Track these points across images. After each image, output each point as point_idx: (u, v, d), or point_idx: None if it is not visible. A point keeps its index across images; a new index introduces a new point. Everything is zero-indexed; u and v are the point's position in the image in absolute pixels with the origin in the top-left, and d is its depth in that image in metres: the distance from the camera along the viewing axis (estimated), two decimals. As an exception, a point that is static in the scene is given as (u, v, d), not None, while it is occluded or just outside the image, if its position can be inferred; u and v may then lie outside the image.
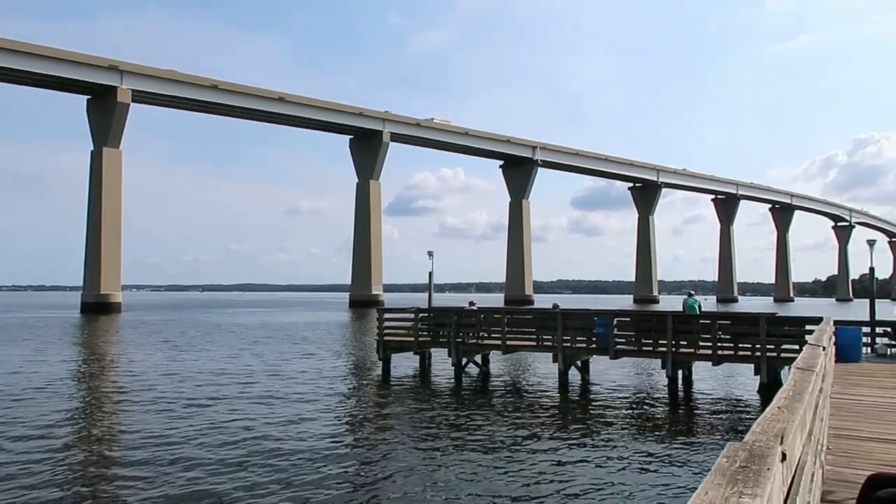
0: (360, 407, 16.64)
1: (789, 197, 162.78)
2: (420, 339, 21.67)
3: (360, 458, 11.17)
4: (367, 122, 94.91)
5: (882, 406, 9.60)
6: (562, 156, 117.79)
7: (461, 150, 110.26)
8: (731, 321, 19.03)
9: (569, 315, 20.03)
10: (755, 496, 1.70)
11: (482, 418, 14.66)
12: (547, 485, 9.59)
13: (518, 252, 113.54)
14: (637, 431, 13.63)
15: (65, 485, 9.36)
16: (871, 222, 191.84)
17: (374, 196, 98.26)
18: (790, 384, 4.10)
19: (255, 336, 38.79)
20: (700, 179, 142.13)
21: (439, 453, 11.35)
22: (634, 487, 9.55)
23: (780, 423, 2.82)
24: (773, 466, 2.07)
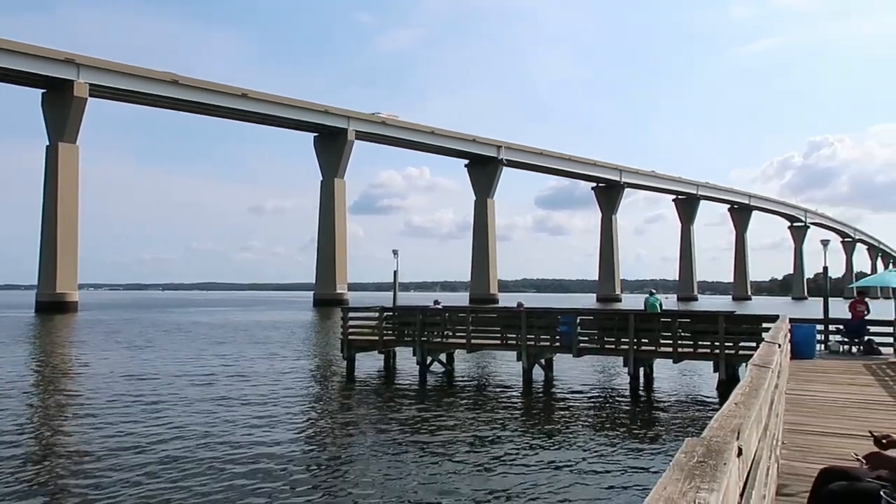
0: (324, 407, 16.51)
1: (747, 198, 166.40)
2: (385, 339, 21.60)
3: (324, 460, 11.08)
4: (332, 120, 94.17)
5: (835, 402, 9.88)
6: (526, 155, 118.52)
7: (427, 148, 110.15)
8: (690, 319, 19.38)
9: (533, 314, 20.17)
10: (712, 490, 1.73)
11: (447, 417, 14.68)
12: (510, 483, 9.63)
13: (483, 251, 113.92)
14: (599, 428, 13.79)
15: (12, 497, 8.94)
16: (825, 223, 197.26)
17: (339, 194, 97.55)
18: (747, 381, 4.19)
19: (216, 336, 38.21)
20: (661, 180, 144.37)
21: (404, 453, 11.33)
22: (596, 484, 9.66)
23: (736, 418, 2.87)
24: (730, 461, 2.11)
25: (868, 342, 18.20)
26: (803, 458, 6.24)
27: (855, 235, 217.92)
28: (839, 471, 3.68)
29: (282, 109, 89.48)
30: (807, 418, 8.46)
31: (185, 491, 9.06)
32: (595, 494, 9.19)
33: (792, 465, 5.96)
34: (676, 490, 1.73)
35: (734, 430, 2.62)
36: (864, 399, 10.18)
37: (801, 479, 5.30)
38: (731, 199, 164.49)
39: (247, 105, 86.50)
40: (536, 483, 9.61)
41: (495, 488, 9.37)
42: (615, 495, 9.11)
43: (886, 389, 11.30)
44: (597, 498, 9.03)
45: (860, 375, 13.20)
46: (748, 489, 3.05)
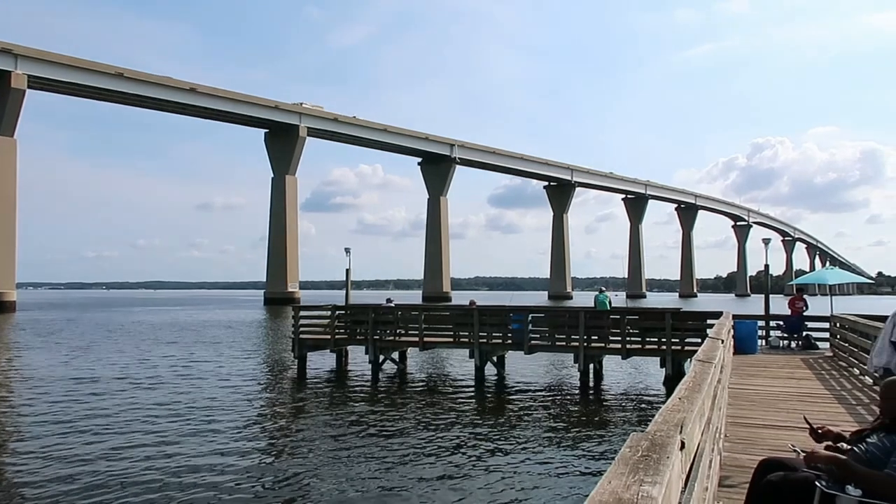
0: (275, 408, 16.29)
1: (693, 197, 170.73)
2: (337, 337, 21.44)
3: (275, 461, 10.95)
4: (283, 116, 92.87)
5: (775, 395, 10.22)
6: (479, 154, 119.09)
7: (379, 146, 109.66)
8: (639, 316, 19.78)
9: (485, 311, 20.29)
10: (655, 483, 1.78)
11: (399, 415, 14.66)
12: (462, 480, 9.68)
13: (436, 249, 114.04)
14: (550, 424, 13.96)
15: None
16: (767, 222, 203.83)
17: (291, 192, 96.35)
18: (690, 376, 4.30)
19: (163, 336, 37.28)
20: (611, 179, 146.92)
21: (355, 453, 11.26)
22: (546, 479, 9.79)
23: (680, 413, 2.95)
24: (673, 455, 2.17)
25: (806, 337, 18.89)
26: (745, 450, 6.43)
27: (795, 234, 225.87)
28: (777, 462, 3.80)
29: (232, 105, 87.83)
30: (748, 411, 8.73)
31: (129, 500, 8.81)
32: (545, 489, 9.30)
33: (734, 457, 6.14)
34: (621, 484, 1.77)
35: (678, 424, 2.69)
36: (801, 392, 10.57)
37: (742, 470, 5.46)
38: (678, 199, 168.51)
39: (195, 100, 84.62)
40: (486, 480, 9.68)
41: (447, 486, 9.40)
42: (565, 490, 9.24)
43: (822, 383, 11.75)
44: (546, 493, 9.15)
45: (798, 369, 13.69)
46: (691, 481, 3.13)
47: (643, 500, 1.63)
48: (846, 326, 15.11)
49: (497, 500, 8.84)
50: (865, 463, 3.41)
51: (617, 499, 1.64)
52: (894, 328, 6.94)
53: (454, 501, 8.77)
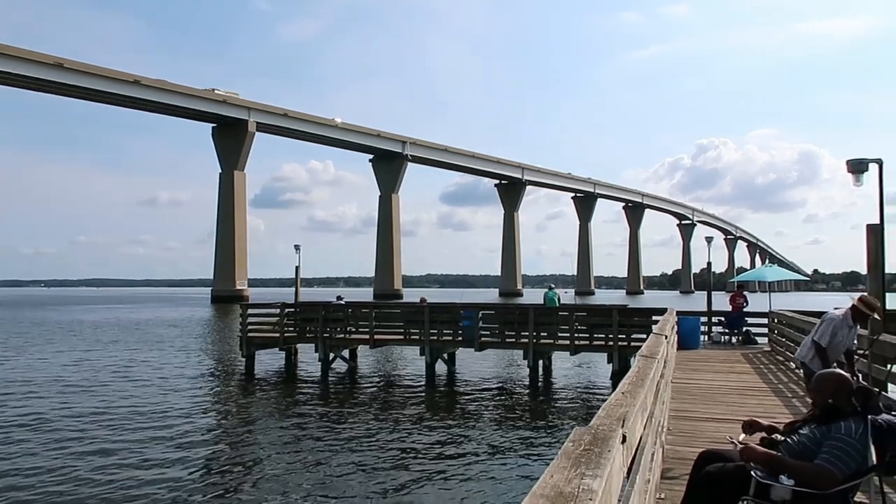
0: (222, 407, 16.00)
1: (641, 196, 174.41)
2: (286, 335, 21.19)
3: (222, 462, 10.75)
4: (232, 111, 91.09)
5: (715, 389, 10.52)
6: (431, 151, 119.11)
7: (330, 142, 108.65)
8: (586, 313, 20.09)
9: (436, 309, 20.33)
10: (596, 476, 1.81)
11: (348, 413, 14.58)
12: (410, 477, 9.69)
13: (387, 246, 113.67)
14: (499, 420, 14.09)
15: None
16: (711, 221, 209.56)
17: (239, 187, 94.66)
18: (634, 371, 4.39)
19: (104, 335, 36.18)
20: (561, 178, 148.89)
21: (304, 452, 11.16)
22: (493, 474, 9.88)
23: (622, 407, 3.01)
24: (614, 448, 2.21)
25: (746, 332, 19.50)
26: (686, 442, 6.60)
27: (736, 233, 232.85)
28: (715, 453, 3.92)
29: (177, 98, 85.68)
30: (691, 405, 8.97)
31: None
32: (492, 485, 9.39)
33: (676, 450, 6.29)
34: (563, 478, 1.80)
35: (620, 418, 2.75)
36: (741, 386, 10.91)
37: (684, 462, 5.60)
38: (626, 198, 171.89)
39: (140, 92, 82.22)
40: (434, 476, 9.71)
41: (395, 483, 9.40)
42: (511, 485, 9.34)
43: (761, 377, 12.16)
44: (493, 488, 9.23)
45: (738, 364, 14.13)
46: (633, 474, 3.20)
47: (584, 494, 1.66)
48: (783, 322, 15.66)
49: (444, 495, 8.88)
50: (798, 453, 3.54)
51: (558, 492, 1.67)
52: (820, 329, 7.26)
53: (402, 498, 8.78)
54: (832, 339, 6.88)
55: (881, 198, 10.15)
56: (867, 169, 10.62)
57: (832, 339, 6.88)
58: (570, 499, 1.62)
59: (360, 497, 8.82)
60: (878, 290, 8.36)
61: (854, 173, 10.62)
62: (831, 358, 6.79)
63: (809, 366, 7.06)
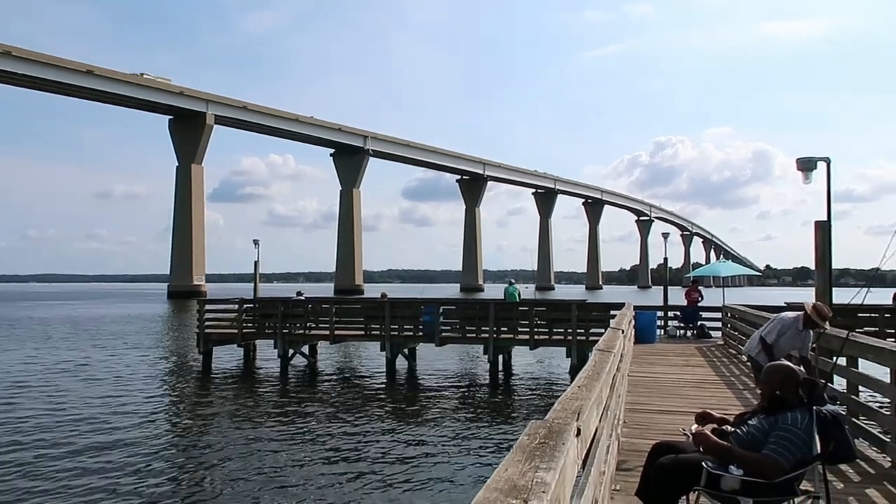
0: (178, 405, 15.73)
1: (600, 193, 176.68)
2: (244, 331, 20.92)
3: (179, 462, 10.57)
4: (189, 103, 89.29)
5: (671, 382, 10.74)
6: (393, 146, 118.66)
7: (291, 136, 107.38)
8: (546, 308, 20.31)
9: (396, 304, 20.31)
10: (549, 469, 1.84)
11: (307, 410, 14.47)
12: (369, 472, 9.68)
13: (348, 242, 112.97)
14: (459, 415, 14.15)
15: None
16: (668, 217, 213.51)
17: (197, 181, 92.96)
18: (590, 365, 4.45)
19: (55, 332, 35.18)
20: (522, 174, 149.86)
21: (263, 450, 11.04)
22: (452, 469, 9.93)
23: (578, 401, 3.05)
24: (569, 441, 2.24)
25: (701, 327, 19.94)
26: (642, 434, 6.73)
27: (692, 229, 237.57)
28: (669, 445, 4.01)
29: (132, 89, 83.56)
30: (646, 398, 9.14)
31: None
32: (450, 479, 9.43)
33: (632, 442, 6.41)
34: (517, 471, 1.82)
35: (575, 411, 2.79)
36: (695, 379, 11.16)
37: (639, 454, 5.71)
38: (586, 194, 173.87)
39: (93, 83, 79.95)
40: (393, 471, 9.71)
41: (353, 479, 9.37)
42: (470, 479, 9.39)
43: (714, 370, 12.45)
44: (451, 483, 9.28)
45: (693, 357, 14.44)
46: (588, 466, 3.26)
47: (537, 486, 1.68)
48: (736, 316, 16.06)
49: (402, 491, 8.89)
50: (747, 443, 3.64)
51: (512, 486, 1.68)
52: (769, 326, 7.51)
53: (359, 494, 8.76)
54: (778, 338, 7.13)
55: (828, 195, 10.48)
56: (816, 167, 10.94)
57: (778, 338, 7.13)
58: (523, 491, 1.64)
59: (318, 495, 8.77)
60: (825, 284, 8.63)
61: (803, 171, 10.94)
62: (777, 356, 7.01)
63: (756, 359, 7.28)
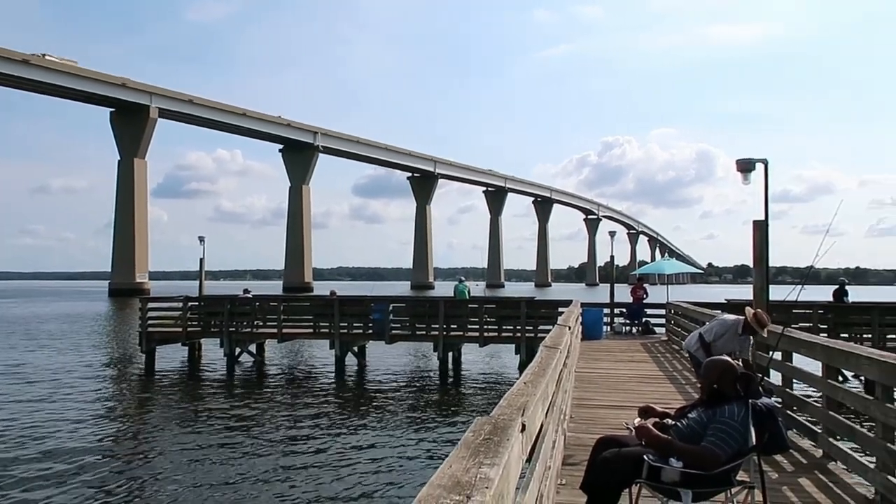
0: (119, 406, 15.26)
1: (549, 191, 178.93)
2: (189, 330, 20.46)
3: (120, 465, 10.24)
4: (132, 95, 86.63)
5: (616, 377, 10.97)
6: (343, 143, 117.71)
7: (238, 131, 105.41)
8: (496, 305, 20.49)
9: (346, 302, 20.17)
10: (493, 465, 1.85)
11: (254, 410, 14.24)
12: (317, 472, 9.59)
13: (297, 239, 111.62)
14: (409, 413, 14.15)
15: None
16: (615, 216, 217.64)
17: (140, 176, 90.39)
18: (537, 361, 4.51)
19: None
20: (473, 172, 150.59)
21: (208, 452, 10.80)
22: (400, 466, 9.93)
23: (523, 397, 3.09)
24: (513, 437, 2.27)
25: (645, 323, 20.41)
26: (587, 429, 6.85)
27: (638, 228, 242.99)
28: (612, 439, 4.09)
29: (71, 80, 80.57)
30: (593, 393, 9.31)
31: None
32: (397, 476, 9.43)
33: (578, 437, 6.52)
34: (461, 467, 1.83)
35: (520, 407, 2.82)
36: (640, 374, 11.42)
37: (584, 449, 5.80)
38: (535, 193, 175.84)
39: (29, 73, 76.77)
40: (340, 470, 9.65)
41: (299, 479, 9.27)
42: (416, 475, 9.39)
43: (658, 365, 12.76)
44: (397, 480, 9.27)
45: (638, 353, 14.78)
46: (533, 461, 3.30)
47: (480, 482, 1.70)
48: (679, 313, 16.48)
49: (348, 489, 8.84)
50: (687, 436, 3.75)
51: (455, 482, 1.69)
52: (710, 325, 7.76)
53: (306, 495, 8.67)
54: (716, 339, 7.39)
55: (766, 196, 10.85)
56: (754, 168, 11.31)
57: (716, 339, 7.39)
58: (466, 487, 1.65)
59: (263, 497, 8.65)
60: (763, 282, 8.94)
61: (742, 172, 11.30)
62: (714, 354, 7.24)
63: (695, 356, 7.51)
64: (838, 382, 6.29)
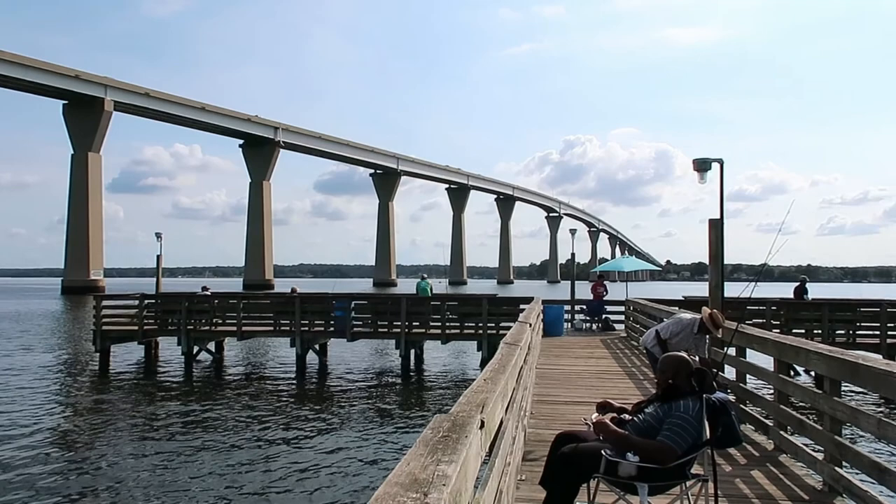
0: (69, 409, 14.81)
1: (512, 189, 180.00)
2: (145, 328, 20.04)
3: (72, 470, 9.95)
4: (86, 87, 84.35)
5: (576, 374, 11.10)
6: (305, 138, 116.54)
7: (197, 126, 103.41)
8: (458, 302, 20.52)
9: (307, 299, 20.00)
10: (451, 462, 1.86)
11: (213, 410, 14.02)
12: (277, 472, 9.49)
13: (258, 235, 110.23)
14: (370, 411, 14.09)
15: None
16: (576, 214, 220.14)
17: (94, 170, 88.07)
18: (497, 358, 4.53)
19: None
20: (436, 169, 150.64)
21: (163, 454, 10.58)
22: (361, 465, 9.88)
23: (483, 394, 3.10)
24: (472, 434, 2.27)
25: (605, 320, 20.70)
26: (547, 425, 6.92)
27: (599, 226, 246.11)
28: (571, 434, 4.13)
29: (19, 70, 77.91)
30: (553, 389, 9.40)
31: None
32: (357, 475, 9.38)
33: (538, 433, 6.58)
34: (419, 465, 1.83)
35: (479, 404, 2.83)
36: (600, 370, 11.58)
37: (544, 444, 5.85)
38: (498, 190, 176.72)
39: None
40: (300, 470, 9.56)
41: (259, 479, 9.17)
42: (376, 474, 9.37)
43: (617, 361, 12.96)
44: (358, 477, 9.23)
45: (598, 349, 14.98)
46: (493, 457, 3.32)
47: (438, 479, 1.70)
48: (638, 309, 16.76)
49: (307, 489, 8.76)
50: (643, 431, 3.81)
51: (413, 479, 1.69)
52: (667, 322, 7.91)
53: (264, 495, 8.58)
54: (672, 336, 7.54)
55: (721, 195, 11.09)
56: (710, 168, 11.55)
57: (672, 336, 7.54)
58: (424, 485, 1.65)
59: (220, 499, 8.52)
60: (718, 279, 9.14)
61: (699, 171, 11.52)
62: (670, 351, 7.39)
63: (652, 352, 7.65)
64: (790, 377, 6.47)
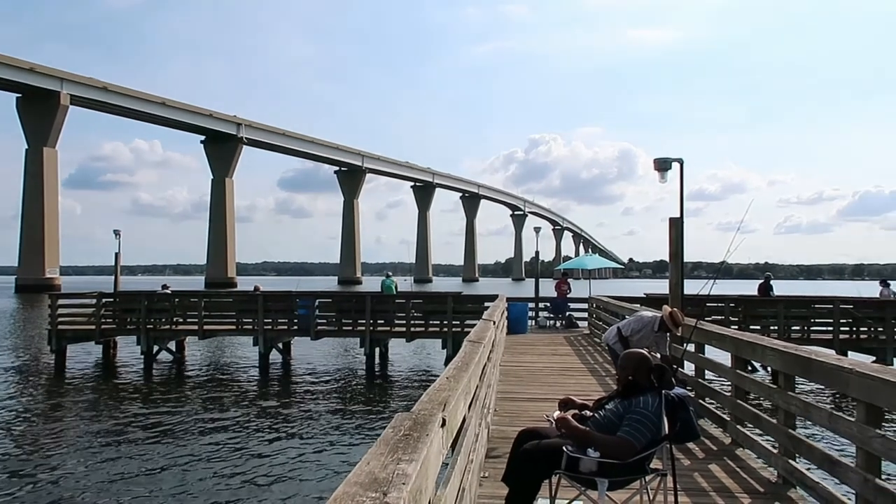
0: (22, 411, 14.38)
1: (477, 187, 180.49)
2: (103, 327, 19.60)
3: (26, 474, 9.70)
4: (41, 81, 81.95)
5: (539, 370, 11.19)
6: (268, 135, 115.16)
7: (158, 121, 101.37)
8: (422, 300, 20.51)
9: (270, 297, 19.78)
10: (411, 461, 1.86)
11: (174, 410, 13.78)
12: (235, 473, 9.38)
13: (220, 233, 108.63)
14: (334, 409, 14.00)
15: None
16: (540, 212, 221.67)
17: (50, 165, 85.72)
18: (460, 356, 4.55)
19: None
20: (401, 167, 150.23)
21: (121, 458, 10.34)
22: (323, 464, 9.81)
23: (445, 392, 3.11)
24: (433, 432, 2.28)
25: (568, 317, 20.90)
26: (511, 422, 6.96)
27: (563, 224, 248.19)
28: (534, 431, 4.16)
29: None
30: (517, 387, 9.47)
31: None
32: (318, 474, 9.32)
33: (502, 430, 6.61)
34: (379, 464, 1.83)
35: (441, 402, 2.83)
36: (563, 367, 11.69)
37: (508, 441, 5.87)
38: (463, 188, 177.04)
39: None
40: (260, 470, 9.46)
41: (217, 481, 9.05)
42: (337, 473, 9.32)
43: (580, 358, 13.10)
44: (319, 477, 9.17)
45: (561, 346, 15.12)
46: (455, 455, 3.33)
47: (398, 478, 1.70)
48: (600, 307, 16.96)
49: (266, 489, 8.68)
50: (604, 427, 3.86)
51: (373, 479, 1.69)
52: (628, 320, 8.04)
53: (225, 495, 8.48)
54: (633, 334, 7.65)
55: (681, 194, 11.28)
56: (671, 167, 11.74)
57: (633, 334, 7.65)
58: (384, 484, 1.65)
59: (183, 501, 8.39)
60: (678, 276, 9.30)
61: (660, 171, 11.70)
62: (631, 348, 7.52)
63: (613, 349, 7.76)
64: (747, 373, 6.62)
